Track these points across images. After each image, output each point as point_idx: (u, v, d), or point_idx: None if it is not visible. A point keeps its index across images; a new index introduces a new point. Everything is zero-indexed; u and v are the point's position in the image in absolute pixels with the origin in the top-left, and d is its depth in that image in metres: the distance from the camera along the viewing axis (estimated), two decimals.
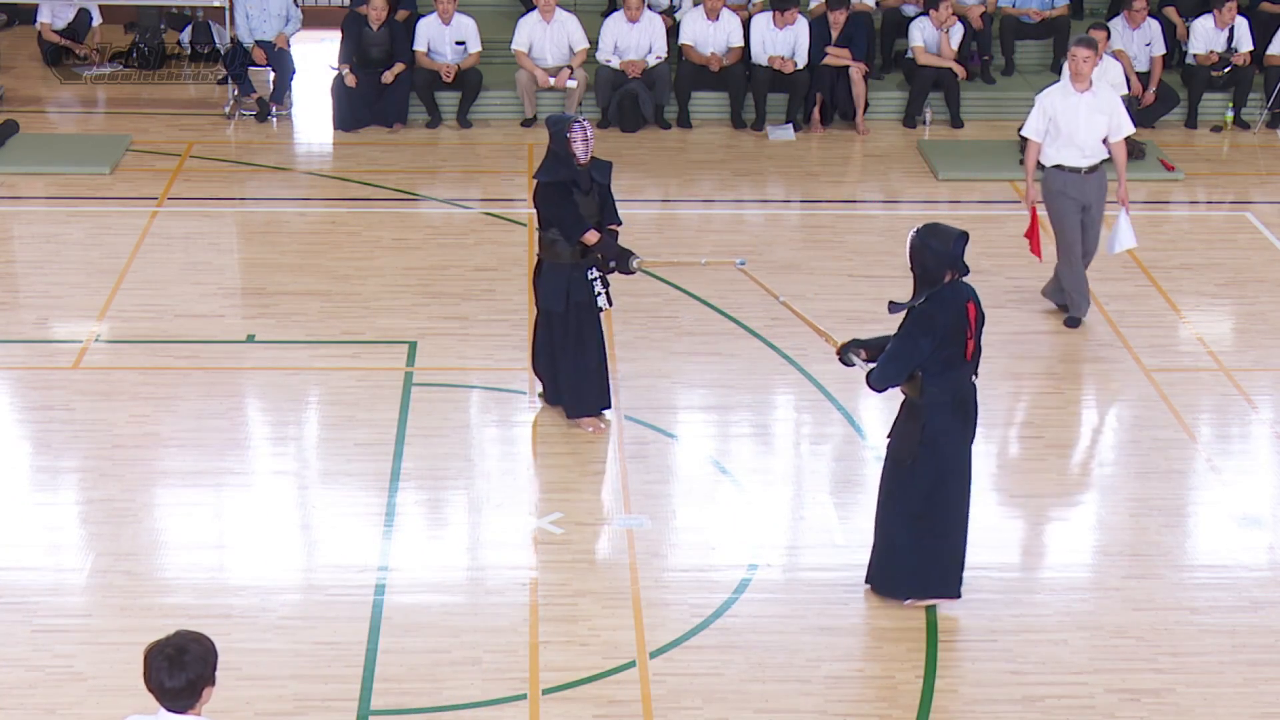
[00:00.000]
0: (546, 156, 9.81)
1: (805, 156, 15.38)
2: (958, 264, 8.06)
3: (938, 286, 8.06)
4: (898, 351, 8.11)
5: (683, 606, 8.46)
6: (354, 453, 9.90)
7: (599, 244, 9.80)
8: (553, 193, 9.72)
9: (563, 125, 9.68)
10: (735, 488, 9.67)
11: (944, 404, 8.13)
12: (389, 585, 8.61)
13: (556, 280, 9.83)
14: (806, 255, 13.04)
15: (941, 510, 8.27)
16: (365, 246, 13.01)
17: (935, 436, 8.15)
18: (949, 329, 8.03)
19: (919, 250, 8.07)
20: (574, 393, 10.12)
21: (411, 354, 11.17)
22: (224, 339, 11.38)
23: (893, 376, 8.14)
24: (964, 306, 8.08)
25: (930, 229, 8.12)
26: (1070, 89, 11.51)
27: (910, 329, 8.09)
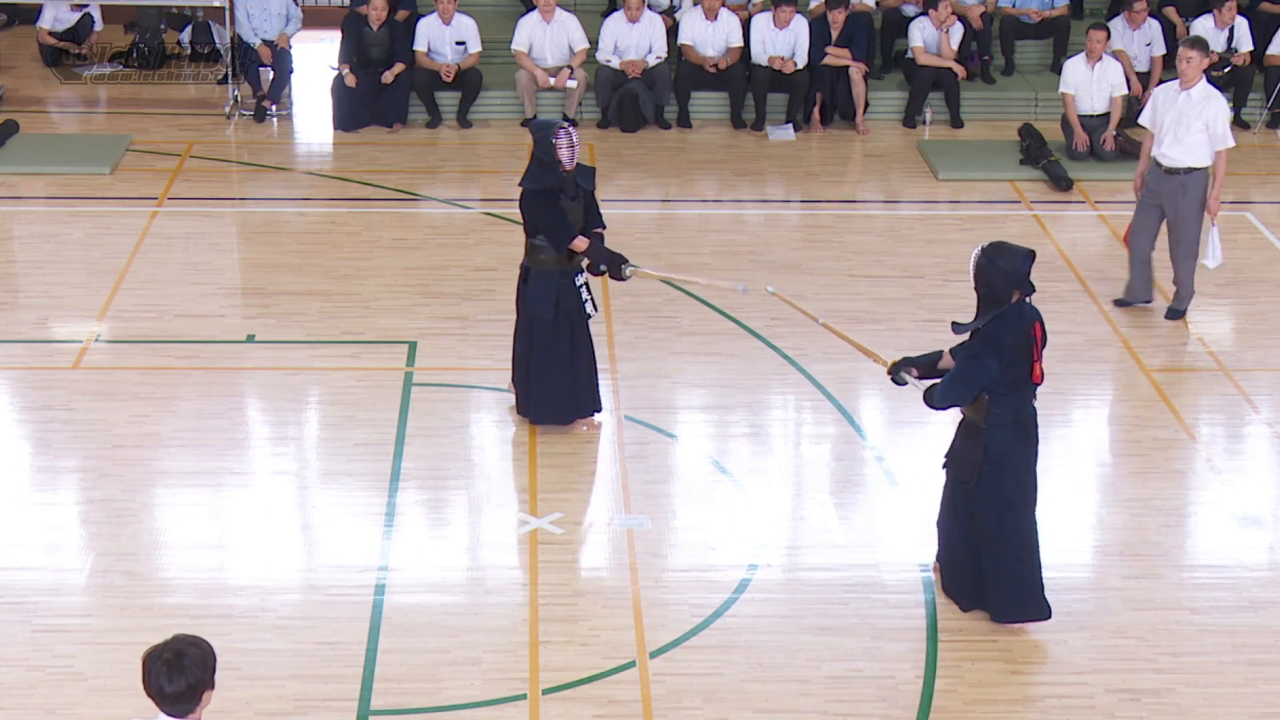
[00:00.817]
0: (531, 163, 9.72)
1: (805, 156, 15.37)
2: (1025, 284, 7.91)
3: (1004, 306, 7.91)
4: (964, 373, 7.97)
5: (683, 606, 8.46)
6: (354, 453, 9.90)
7: (589, 250, 9.72)
8: (540, 200, 9.63)
9: (547, 131, 9.60)
10: (735, 488, 9.66)
11: (1006, 425, 8.03)
12: (389, 585, 8.60)
13: (545, 288, 9.73)
14: (806, 255, 13.03)
15: (1012, 532, 8.18)
16: (365, 246, 13.01)
17: (999, 458, 8.06)
18: (1016, 350, 7.90)
19: (985, 270, 7.90)
20: (574, 396, 10.00)
21: (411, 354, 11.17)
22: (224, 339, 11.37)
23: (958, 398, 8.02)
24: (1030, 327, 7.95)
25: (997, 248, 7.95)
26: (1177, 87, 11.69)
27: (977, 350, 7.94)
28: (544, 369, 9.88)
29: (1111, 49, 15.29)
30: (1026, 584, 8.28)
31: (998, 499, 8.11)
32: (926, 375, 8.32)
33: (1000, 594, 8.29)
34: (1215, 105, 11.60)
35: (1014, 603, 8.30)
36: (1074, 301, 12.19)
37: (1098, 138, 14.92)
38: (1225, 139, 11.62)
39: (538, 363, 9.87)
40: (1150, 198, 11.79)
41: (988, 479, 8.07)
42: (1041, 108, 16.18)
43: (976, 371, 7.91)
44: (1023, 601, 8.29)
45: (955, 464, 8.25)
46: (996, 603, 8.32)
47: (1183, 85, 11.60)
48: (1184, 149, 11.58)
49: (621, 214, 13.83)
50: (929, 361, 8.36)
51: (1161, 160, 11.67)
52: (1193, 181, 11.64)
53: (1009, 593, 8.28)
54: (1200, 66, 11.53)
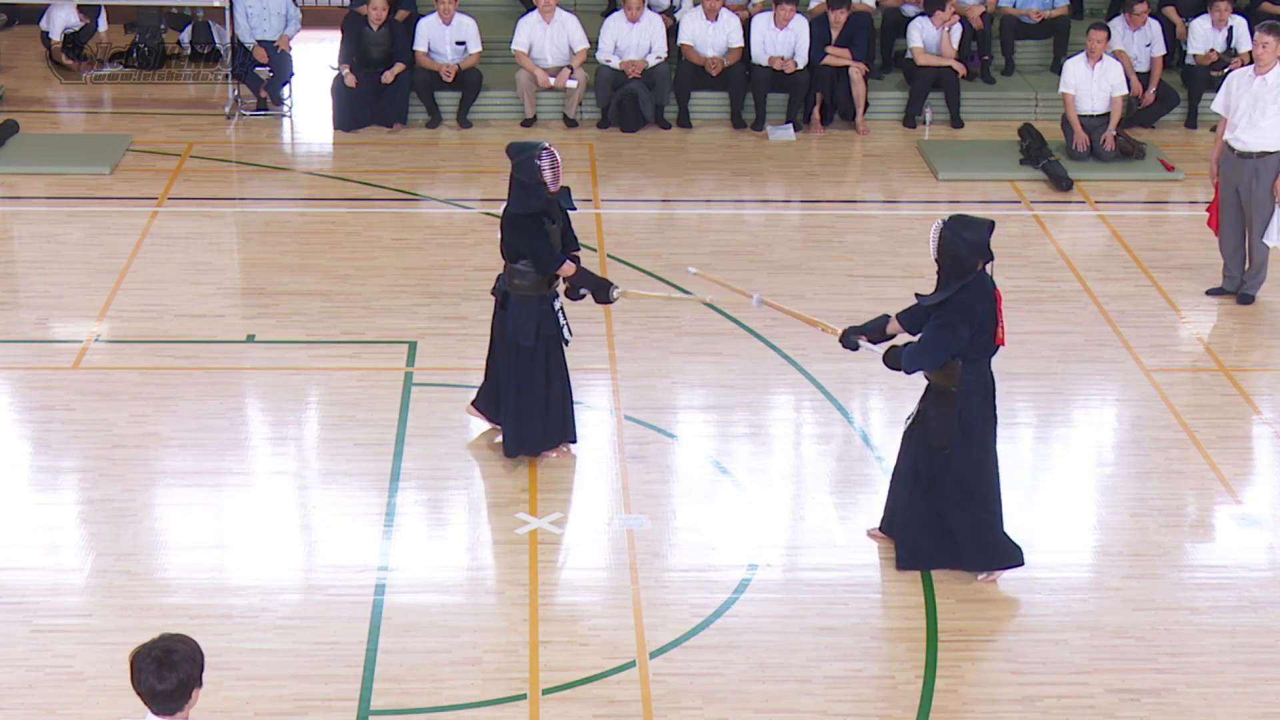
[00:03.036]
0: (513, 187, 9.34)
1: (805, 156, 15.37)
2: (989, 252, 8.23)
3: (970, 276, 8.20)
4: (937, 340, 8.27)
5: (683, 606, 8.46)
6: (354, 453, 9.90)
7: (576, 276, 9.55)
8: (525, 225, 9.32)
9: (530, 153, 9.23)
10: (735, 488, 9.66)
11: (976, 390, 8.39)
12: (389, 585, 8.60)
13: (526, 314, 9.48)
14: (806, 255, 13.03)
15: (982, 490, 8.54)
16: (365, 246, 13.01)
17: (971, 423, 8.41)
18: (985, 316, 8.23)
19: (951, 243, 8.18)
20: (550, 424, 9.72)
21: (411, 354, 11.17)
22: (224, 339, 11.37)
23: (929, 363, 8.35)
24: (993, 293, 8.29)
25: (962, 221, 8.26)
26: (1252, 72, 11.85)
27: (950, 318, 8.22)
28: (521, 399, 9.62)
29: (1111, 49, 15.30)
30: (997, 535, 8.63)
31: (966, 462, 8.47)
32: (877, 340, 8.70)
33: (975, 550, 8.63)
34: None
35: (989, 555, 8.65)
36: (1074, 301, 12.19)
37: (1098, 138, 14.92)
38: None
39: (515, 392, 9.62)
40: (1226, 182, 12.01)
41: (959, 444, 8.42)
42: (1041, 108, 16.18)
43: (949, 339, 8.24)
44: (997, 552, 8.64)
45: (928, 432, 8.48)
46: (972, 558, 8.65)
47: (1258, 70, 11.82)
48: (1258, 133, 11.80)
49: (621, 214, 13.84)
50: (878, 327, 8.74)
51: (1235, 144, 11.89)
52: (1265, 165, 11.86)
53: (983, 547, 8.62)
54: (1276, 52, 11.71)
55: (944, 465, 8.48)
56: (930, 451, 8.50)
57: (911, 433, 8.64)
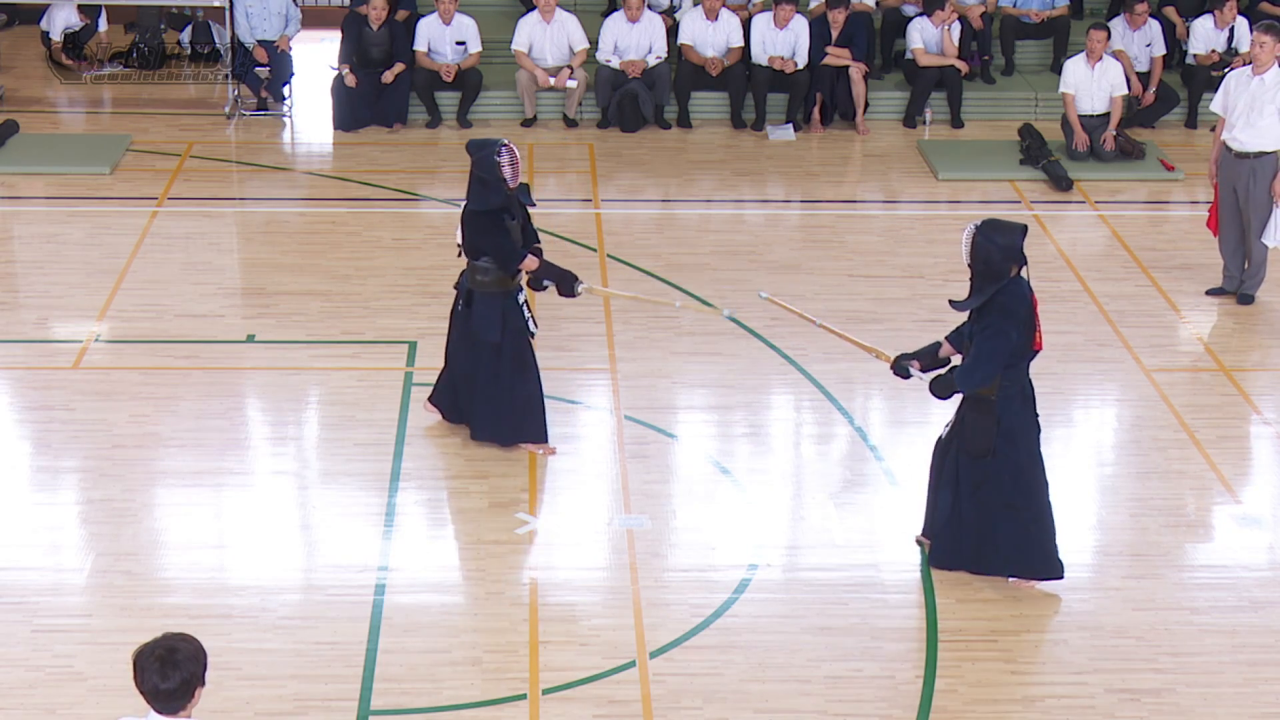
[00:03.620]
0: (472, 183, 9.38)
1: (805, 156, 15.37)
2: (1022, 257, 8.16)
3: (1003, 281, 8.14)
4: (991, 350, 8.17)
5: (683, 606, 8.45)
6: (354, 453, 9.90)
7: (540, 269, 9.56)
8: (485, 222, 9.35)
9: (489, 150, 9.27)
10: (735, 488, 9.66)
11: (1014, 396, 8.32)
12: (389, 585, 8.60)
13: (491, 310, 9.50)
14: (806, 255, 13.03)
15: (1030, 498, 8.48)
16: (365, 246, 13.01)
17: (1012, 429, 8.35)
18: (1027, 320, 8.17)
19: (983, 248, 8.12)
20: (520, 418, 9.75)
21: (411, 354, 11.17)
22: (224, 339, 11.37)
23: (986, 376, 8.24)
24: (1029, 297, 8.22)
25: (994, 225, 8.19)
26: (1250, 72, 11.87)
27: (996, 324, 8.14)
28: (488, 390, 9.66)
29: (1112, 49, 15.30)
30: (1043, 546, 8.56)
31: (1013, 468, 8.38)
32: (929, 367, 8.60)
33: (1016, 558, 8.57)
34: None
35: (1029, 564, 8.59)
36: (1074, 301, 12.19)
37: (1098, 138, 14.91)
38: None
39: (482, 384, 9.65)
40: (1224, 182, 12.03)
41: (1001, 450, 8.34)
42: (1041, 108, 16.18)
43: (1001, 346, 8.15)
44: (1039, 563, 8.59)
45: (967, 439, 8.41)
46: (1012, 565, 8.60)
47: (1255, 70, 11.84)
48: (1255, 133, 11.82)
49: (621, 214, 13.84)
50: (929, 353, 8.64)
51: (1232, 144, 11.91)
52: (1263, 165, 11.88)
53: (1026, 556, 8.56)
54: (1274, 51, 11.71)
55: (989, 471, 8.39)
56: (971, 459, 8.43)
57: (949, 441, 8.56)
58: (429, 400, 10.10)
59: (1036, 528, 8.53)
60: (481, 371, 9.66)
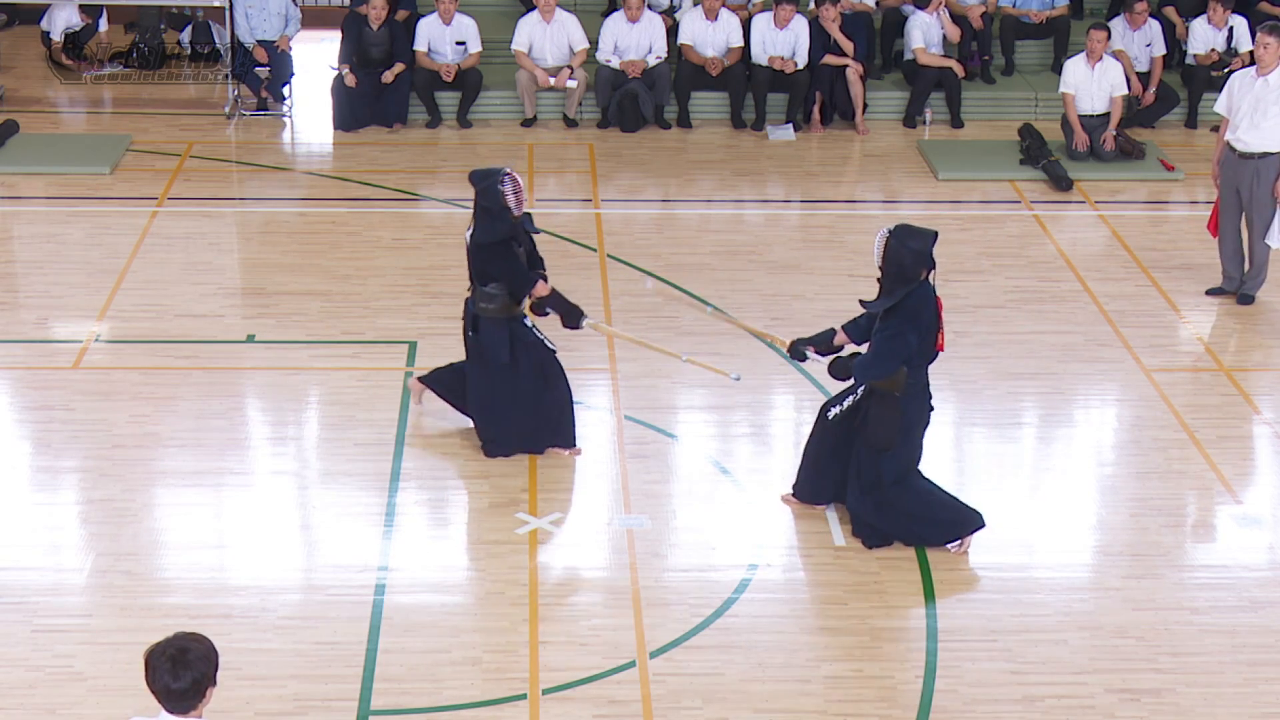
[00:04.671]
0: (478, 214, 9.40)
1: (805, 156, 15.37)
2: (932, 261, 8.46)
3: (914, 284, 8.43)
4: (888, 350, 8.50)
5: (683, 606, 8.45)
6: (354, 453, 9.89)
7: (550, 297, 9.61)
8: (495, 252, 9.39)
9: (492, 180, 9.30)
10: (735, 488, 9.66)
11: (917, 394, 8.66)
12: (389, 585, 8.60)
13: (498, 334, 9.55)
14: (806, 255, 13.03)
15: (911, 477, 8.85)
16: (365, 246, 13.00)
17: (910, 425, 8.69)
18: (929, 323, 8.47)
19: (897, 251, 8.44)
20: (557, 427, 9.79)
21: (412, 354, 11.17)
22: (224, 339, 11.37)
23: (880, 372, 8.59)
24: (935, 301, 8.53)
25: (907, 231, 8.53)
26: (1255, 73, 11.91)
27: (898, 327, 8.45)
28: (509, 405, 9.68)
29: (1112, 49, 15.30)
30: (945, 509, 8.87)
31: (903, 462, 8.77)
32: (825, 352, 9.02)
33: (930, 524, 8.85)
34: None
35: (945, 527, 8.86)
36: (1074, 301, 12.18)
37: (1098, 138, 14.91)
38: None
39: (502, 402, 9.68)
40: (1227, 183, 12.06)
41: (899, 445, 8.69)
42: (1042, 108, 16.18)
43: (900, 347, 8.47)
44: (951, 522, 8.86)
45: (869, 433, 8.71)
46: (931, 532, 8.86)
47: (1260, 71, 11.88)
48: (1260, 134, 11.86)
49: (621, 214, 13.84)
50: (825, 339, 9.07)
51: (1236, 145, 11.95)
52: (1266, 166, 11.92)
53: (936, 520, 8.85)
54: (1278, 52, 11.75)
55: (880, 464, 8.73)
56: (869, 451, 8.73)
57: (842, 422, 8.87)
58: (419, 378, 10.12)
59: (928, 495, 8.84)
60: (501, 391, 9.66)
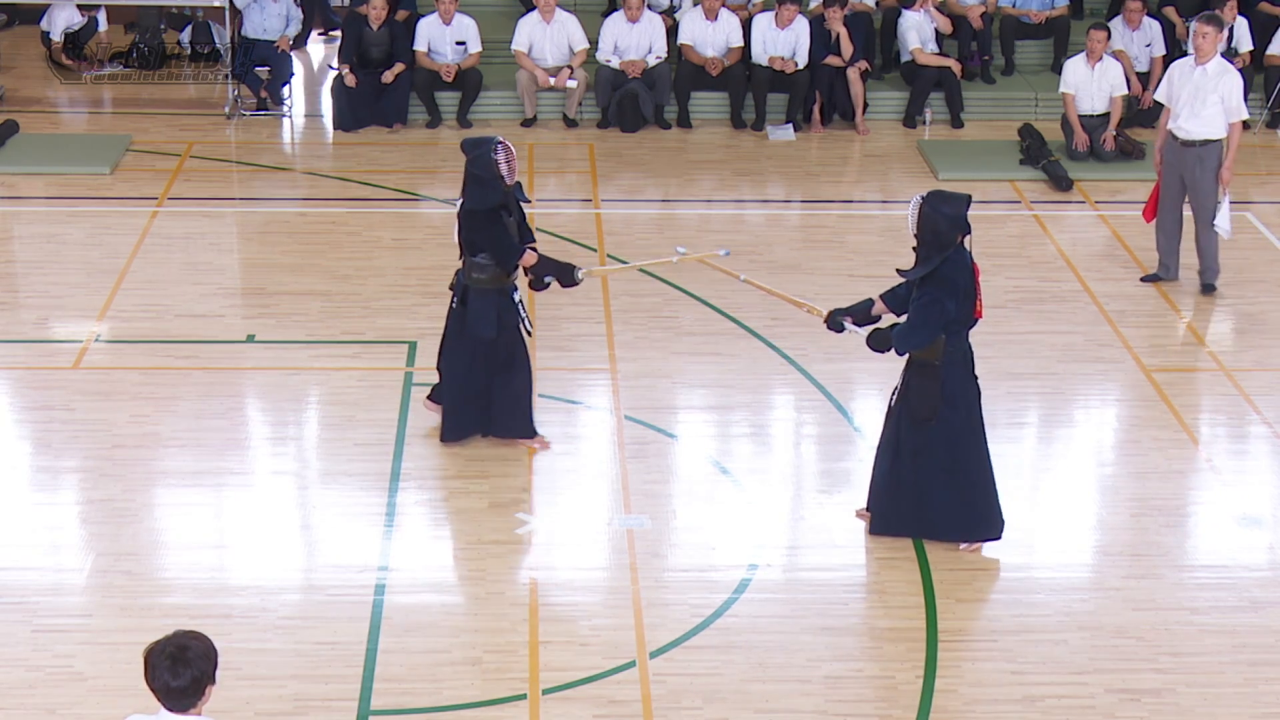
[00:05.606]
0: (468, 182, 9.44)
1: (805, 156, 15.37)
2: (967, 226, 8.39)
3: (949, 250, 8.35)
4: (926, 317, 8.42)
5: (683, 606, 8.45)
6: (354, 453, 9.89)
7: (538, 264, 9.58)
8: (484, 220, 9.40)
9: (486, 148, 9.35)
10: (735, 488, 9.66)
11: (958, 362, 8.56)
12: (389, 585, 8.60)
13: (486, 307, 9.52)
14: (806, 255, 13.03)
15: (969, 461, 8.70)
16: (365, 246, 13.00)
17: (954, 394, 8.59)
18: (966, 289, 8.40)
19: (930, 217, 8.36)
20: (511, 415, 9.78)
21: (412, 354, 11.16)
22: (224, 339, 11.37)
23: (922, 340, 8.50)
24: (972, 267, 8.45)
25: (940, 196, 8.46)
26: (1192, 62, 12.01)
27: (934, 293, 8.39)
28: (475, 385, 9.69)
29: (1112, 49, 15.30)
30: (980, 508, 8.80)
31: (951, 433, 8.63)
32: (863, 323, 8.90)
33: (952, 521, 8.80)
34: (1230, 79, 12.05)
35: (967, 527, 8.82)
36: (1074, 301, 12.19)
37: (1098, 138, 14.92)
38: (1239, 111, 12.07)
39: (473, 381, 9.67)
40: (1170, 170, 12.15)
41: (942, 415, 8.59)
42: (1042, 108, 16.17)
43: (937, 314, 8.42)
44: (976, 525, 8.83)
45: (912, 404, 8.64)
46: (949, 529, 8.83)
47: (1198, 60, 12.00)
48: (1200, 122, 11.96)
49: (622, 214, 13.84)
50: (863, 309, 8.94)
51: (1178, 133, 12.07)
52: (1209, 153, 12.04)
53: (963, 519, 8.80)
54: (1215, 42, 11.93)
55: (929, 437, 8.64)
56: (914, 424, 8.66)
57: (896, 408, 8.79)
58: (428, 398, 10.10)
59: (974, 491, 8.74)
60: (478, 371, 9.67)
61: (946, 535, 8.86)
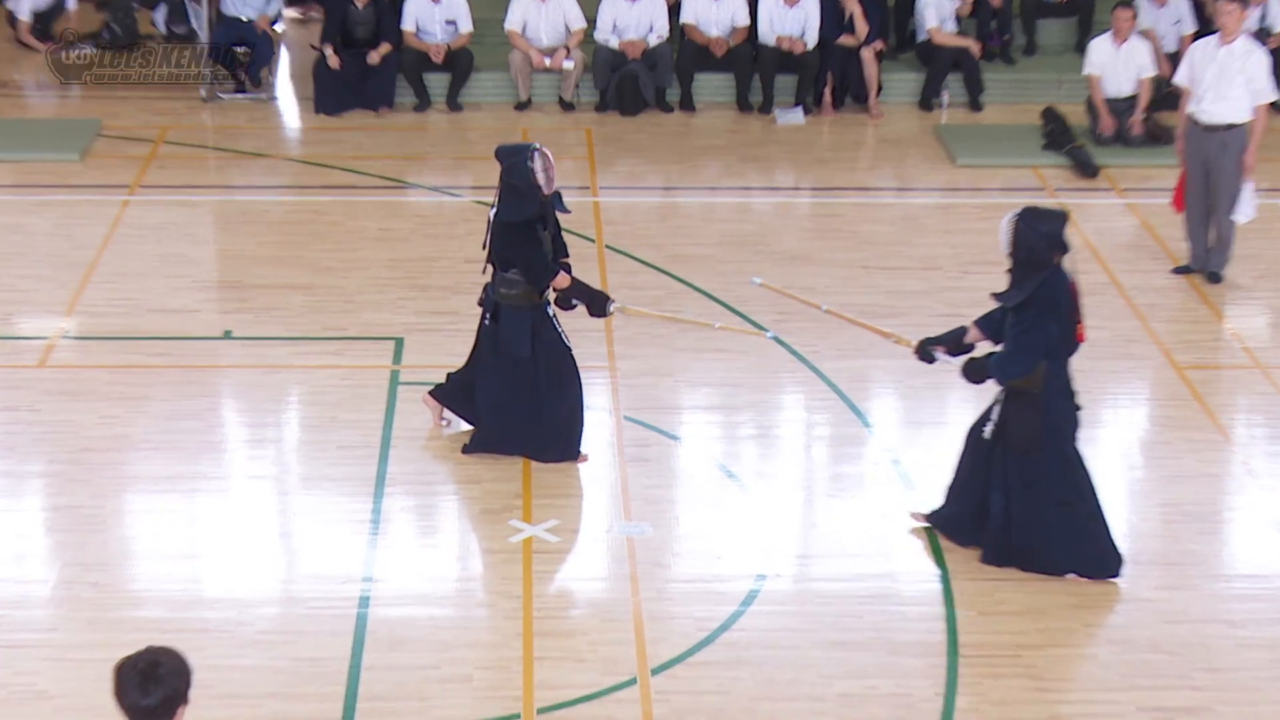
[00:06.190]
0: (504, 192, 9.28)
1: (816, 141, 15.35)
2: (1065, 245, 8.31)
3: (1046, 271, 8.26)
4: (1026, 343, 8.32)
5: (687, 620, 8.41)
6: (337, 456, 9.86)
7: (572, 288, 9.48)
8: (519, 234, 9.26)
9: (522, 155, 9.18)
10: (742, 492, 9.61)
11: (1059, 389, 8.47)
12: (374, 597, 8.55)
13: (520, 324, 9.43)
14: (817, 246, 13.00)
15: (1081, 492, 8.61)
16: (349, 237, 12.98)
17: (1058, 423, 8.49)
18: (1068, 311, 8.32)
19: (1026, 236, 8.26)
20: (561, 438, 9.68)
21: (398, 351, 11.13)
22: (199, 335, 11.34)
23: (1021, 369, 8.39)
24: (1071, 286, 8.37)
25: (1035, 214, 8.36)
26: (1217, 42, 11.96)
27: (1035, 318, 8.28)
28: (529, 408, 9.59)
29: (1139, 28, 15.24)
30: (1100, 541, 8.66)
31: (1061, 462, 8.53)
32: (956, 352, 8.77)
33: (1077, 555, 8.65)
34: (1257, 58, 11.98)
35: (1089, 561, 8.68)
36: (1101, 295, 12.13)
37: (1125, 122, 14.87)
38: (1267, 93, 11.97)
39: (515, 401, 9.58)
40: (1193, 157, 12.08)
41: (1049, 445, 8.47)
42: (1066, 90, 16.12)
43: (1039, 340, 8.31)
44: (1097, 559, 8.68)
45: (1013, 436, 8.51)
46: (1072, 563, 8.67)
47: (1223, 39, 11.96)
48: (1226, 105, 11.90)
49: (621, 202, 13.82)
50: (954, 338, 8.81)
51: (1201, 117, 11.97)
52: (1233, 139, 11.96)
53: (1085, 552, 8.65)
54: (1240, 19, 11.83)
55: (1039, 468, 8.51)
56: (1021, 455, 8.52)
57: (994, 440, 8.59)
58: (430, 393, 10.02)
59: (1093, 523, 8.64)
60: (519, 390, 9.57)
61: (1061, 568, 8.71)
